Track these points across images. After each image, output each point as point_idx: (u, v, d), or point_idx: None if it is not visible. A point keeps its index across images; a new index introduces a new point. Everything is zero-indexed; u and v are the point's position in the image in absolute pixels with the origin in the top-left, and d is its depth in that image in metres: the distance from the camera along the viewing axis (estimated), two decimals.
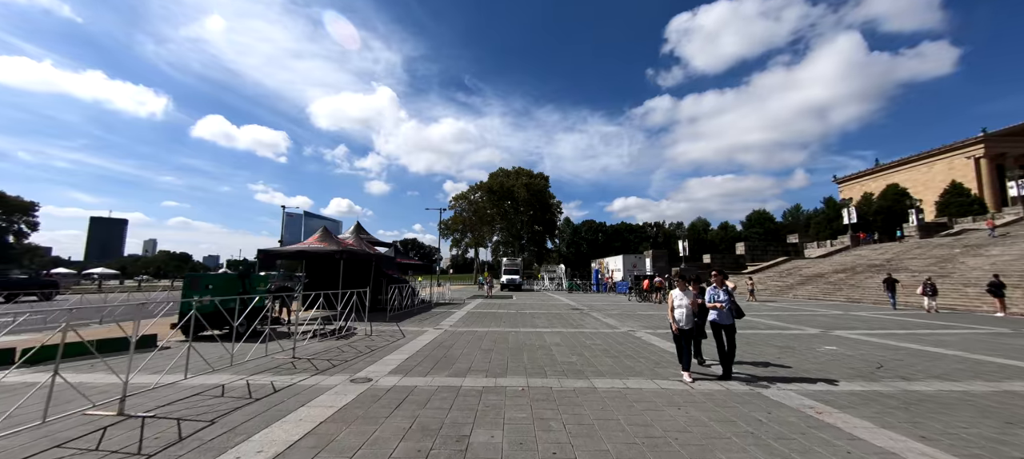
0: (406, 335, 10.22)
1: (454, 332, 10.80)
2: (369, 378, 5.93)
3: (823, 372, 6.64)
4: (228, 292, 9.91)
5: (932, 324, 13.43)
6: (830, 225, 55.78)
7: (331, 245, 14.56)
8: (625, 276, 37.41)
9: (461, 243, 73.43)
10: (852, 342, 9.71)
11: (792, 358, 7.76)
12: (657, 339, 9.87)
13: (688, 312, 6.12)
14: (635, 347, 8.79)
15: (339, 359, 7.27)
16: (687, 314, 6.12)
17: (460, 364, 6.97)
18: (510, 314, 15.71)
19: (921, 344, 9.49)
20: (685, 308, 6.14)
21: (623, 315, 15.82)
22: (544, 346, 8.81)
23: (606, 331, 11.28)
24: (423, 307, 18.42)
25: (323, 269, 16.48)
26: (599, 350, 8.40)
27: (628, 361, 7.31)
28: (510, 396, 5.17)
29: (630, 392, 5.39)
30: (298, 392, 5.25)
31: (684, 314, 6.13)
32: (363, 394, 5.19)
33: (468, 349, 8.37)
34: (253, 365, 6.71)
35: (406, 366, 6.74)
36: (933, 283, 16.69)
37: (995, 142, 63.52)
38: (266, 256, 14.16)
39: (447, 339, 9.66)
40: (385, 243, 24.28)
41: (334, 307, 10.55)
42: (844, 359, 7.73)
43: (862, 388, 5.74)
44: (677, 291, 6.35)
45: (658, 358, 7.60)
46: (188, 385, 5.52)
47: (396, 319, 13.34)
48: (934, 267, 26.83)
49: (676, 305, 6.21)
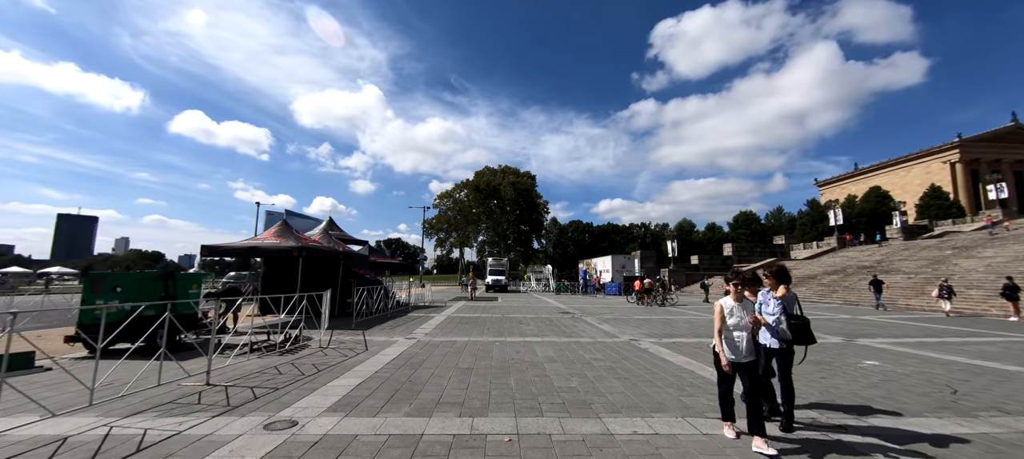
0: (370, 347, 8.48)
1: (428, 343, 9.10)
2: (294, 420, 4.21)
3: (892, 402, 5.22)
4: (145, 296, 8.00)
5: (955, 330, 12.38)
6: (815, 227, 55.93)
7: (289, 241, 12.66)
8: (614, 277, 36.21)
9: (446, 243, 71.40)
10: (890, 354, 8.41)
11: (840, 379, 6.34)
12: (667, 351, 8.39)
13: (748, 338, 3.93)
14: (646, 364, 7.27)
15: (268, 386, 5.51)
16: (747, 342, 3.92)
17: (427, 393, 5.30)
18: (495, 319, 14.07)
19: (967, 356, 8.26)
20: (744, 332, 3.92)
21: (619, 320, 14.37)
22: (536, 363, 7.21)
23: (605, 341, 9.76)
24: (399, 311, 16.61)
25: (284, 269, 14.52)
26: (603, 369, 6.84)
27: (644, 386, 5.76)
28: (492, 454, 3.55)
29: (662, 444, 3.82)
30: (171, 453, 3.50)
31: (744, 341, 3.90)
32: (273, 454, 3.48)
33: (441, 368, 6.70)
34: (144, 397, 4.90)
35: (353, 398, 5.03)
36: (950, 286, 15.80)
37: (970, 147, 65.06)
38: (211, 252, 12.18)
39: (418, 353, 7.96)
40: (359, 241, 22.32)
41: (305, 312, 8.74)
42: (902, 380, 6.36)
43: (965, 429, 4.31)
44: (729, 301, 4.04)
45: (679, 380, 6.08)
46: (7, 440, 3.71)
47: (364, 326, 11.55)
48: (927, 269, 26.36)
49: (729, 324, 3.95)
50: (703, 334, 11.11)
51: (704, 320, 14.72)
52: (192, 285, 9.28)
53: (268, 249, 12.33)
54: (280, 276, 14.39)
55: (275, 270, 15.15)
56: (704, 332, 11.50)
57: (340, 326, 11.28)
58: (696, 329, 12.19)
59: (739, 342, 3.93)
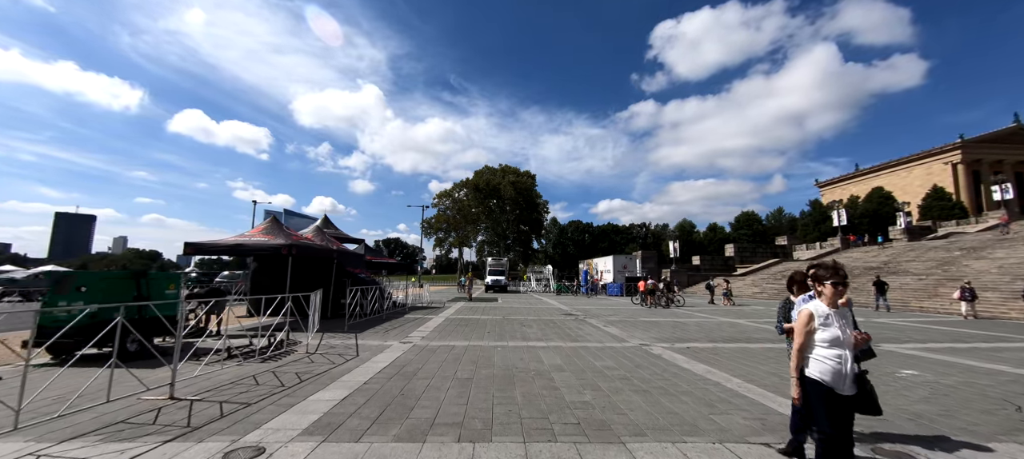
0: (362, 353, 7.81)
1: (425, 348, 8.43)
2: (261, 447, 3.54)
3: (955, 421, 4.57)
4: (114, 297, 7.31)
5: (982, 335, 11.76)
6: (818, 227, 55.38)
7: (278, 238, 11.96)
8: (615, 277, 35.60)
9: (445, 243, 70.72)
10: (926, 362, 7.77)
11: (883, 391, 5.64)
12: (682, 358, 7.74)
13: (849, 360, 2.72)
14: (663, 372, 6.61)
15: (240, 401, 4.83)
16: (851, 366, 2.73)
17: (421, 409, 4.63)
18: (495, 321, 13.40)
19: (1009, 365, 7.61)
20: (846, 351, 2.73)
21: (625, 322, 13.72)
22: (542, 371, 6.54)
23: (615, 346, 9.10)
24: (395, 312, 15.93)
25: (275, 268, 13.82)
26: (618, 378, 6.18)
27: (666, 401, 5.10)
28: None
29: None
30: None
31: (847, 363, 2.71)
32: None
33: (438, 378, 6.03)
34: (93, 415, 4.22)
35: (335, 416, 4.36)
36: (972, 288, 15.20)
37: (972, 148, 64.67)
38: (194, 251, 11.49)
39: (413, 359, 7.29)
40: (355, 239, 21.65)
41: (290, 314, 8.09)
42: (952, 393, 5.71)
43: None
44: (820, 306, 2.85)
45: (705, 394, 5.42)
46: None
47: (357, 329, 10.87)
48: (937, 270, 25.79)
49: (821, 338, 2.77)
50: (718, 338, 10.46)
51: (714, 323, 14.08)
52: (169, 285, 8.58)
53: (256, 247, 11.65)
54: (271, 276, 13.71)
55: (266, 269, 14.47)
56: (718, 336, 10.85)
57: (332, 329, 10.61)
58: (709, 333, 11.54)
59: (841, 364, 2.70)
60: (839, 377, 2.70)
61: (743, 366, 7.18)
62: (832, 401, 2.70)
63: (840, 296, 2.83)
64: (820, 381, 2.74)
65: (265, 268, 14.62)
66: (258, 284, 14.40)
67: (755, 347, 9.25)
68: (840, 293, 2.82)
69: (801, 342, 2.85)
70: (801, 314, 2.92)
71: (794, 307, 3.88)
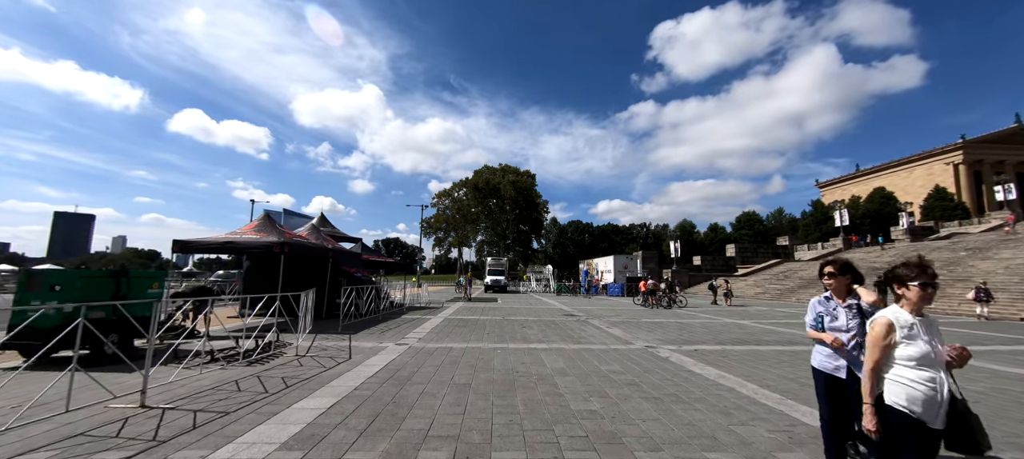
0: (354, 355, 7.42)
1: (421, 350, 8.04)
2: None
3: (997, 432, 4.18)
4: (92, 296, 6.91)
5: (998, 337, 11.42)
6: (819, 228, 55.04)
7: (270, 235, 11.56)
8: (616, 277, 35.23)
9: (444, 242, 70.35)
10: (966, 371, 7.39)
11: None
12: (691, 361, 7.35)
13: (944, 385, 2.13)
14: (673, 377, 6.23)
15: (217, 409, 4.43)
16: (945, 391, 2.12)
17: (414, 419, 4.24)
18: (495, 322, 13.01)
19: None
20: (937, 372, 2.14)
21: (628, 323, 13.34)
22: (545, 376, 6.15)
23: (619, 348, 8.71)
24: (392, 313, 15.53)
25: (268, 267, 13.41)
26: (625, 384, 5.79)
27: (680, 409, 4.71)
28: None
29: None
30: None
31: (940, 388, 2.12)
32: None
33: (434, 384, 5.64)
34: (51, 426, 3.83)
35: (319, 428, 3.97)
36: (987, 288, 14.85)
37: (973, 149, 64.39)
38: (183, 249, 11.08)
39: (408, 362, 6.90)
40: (352, 238, 21.23)
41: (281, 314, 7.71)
42: (984, 401, 5.32)
43: None
44: (903, 314, 2.26)
45: (720, 401, 5.03)
46: None
47: (351, 330, 10.48)
48: (943, 270, 25.43)
49: (906, 356, 2.18)
50: (725, 340, 10.08)
51: (720, 324, 13.70)
52: (152, 284, 8.18)
53: (248, 245, 11.23)
54: (264, 274, 13.30)
55: (259, 268, 14.07)
56: (726, 338, 10.47)
57: (326, 330, 10.22)
58: (716, 334, 11.16)
59: (935, 390, 2.10)
60: (932, 406, 2.10)
61: (756, 370, 6.80)
62: (922, 437, 2.10)
63: (929, 301, 2.24)
64: (908, 412, 2.12)
65: (258, 267, 14.22)
66: (251, 283, 14.01)
67: (766, 349, 8.88)
68: (929, 297, 2.23)
69: (877, 358, 2.24)
70: (877, 324, 2.28)
71: (826, 308, 3.20)
